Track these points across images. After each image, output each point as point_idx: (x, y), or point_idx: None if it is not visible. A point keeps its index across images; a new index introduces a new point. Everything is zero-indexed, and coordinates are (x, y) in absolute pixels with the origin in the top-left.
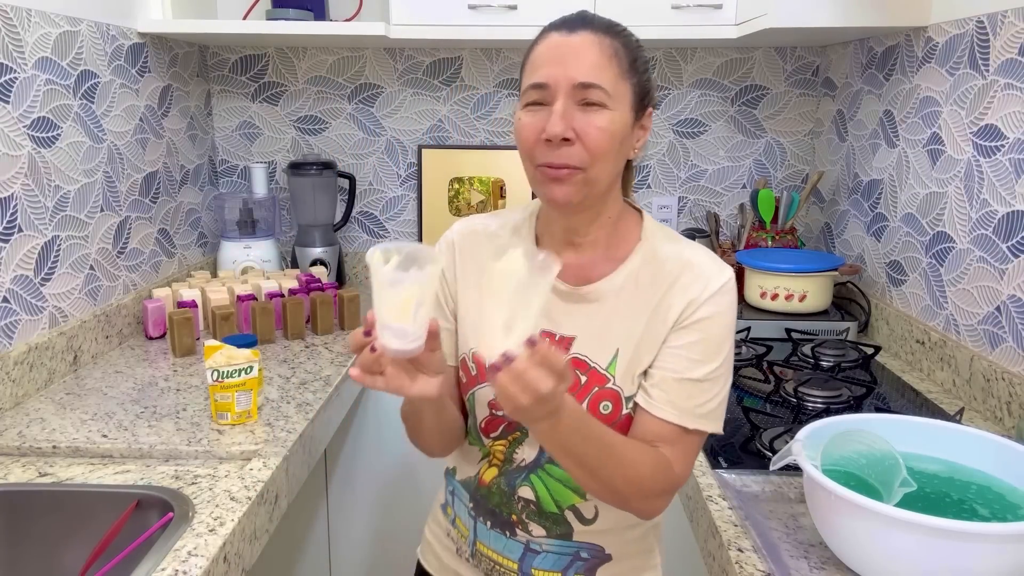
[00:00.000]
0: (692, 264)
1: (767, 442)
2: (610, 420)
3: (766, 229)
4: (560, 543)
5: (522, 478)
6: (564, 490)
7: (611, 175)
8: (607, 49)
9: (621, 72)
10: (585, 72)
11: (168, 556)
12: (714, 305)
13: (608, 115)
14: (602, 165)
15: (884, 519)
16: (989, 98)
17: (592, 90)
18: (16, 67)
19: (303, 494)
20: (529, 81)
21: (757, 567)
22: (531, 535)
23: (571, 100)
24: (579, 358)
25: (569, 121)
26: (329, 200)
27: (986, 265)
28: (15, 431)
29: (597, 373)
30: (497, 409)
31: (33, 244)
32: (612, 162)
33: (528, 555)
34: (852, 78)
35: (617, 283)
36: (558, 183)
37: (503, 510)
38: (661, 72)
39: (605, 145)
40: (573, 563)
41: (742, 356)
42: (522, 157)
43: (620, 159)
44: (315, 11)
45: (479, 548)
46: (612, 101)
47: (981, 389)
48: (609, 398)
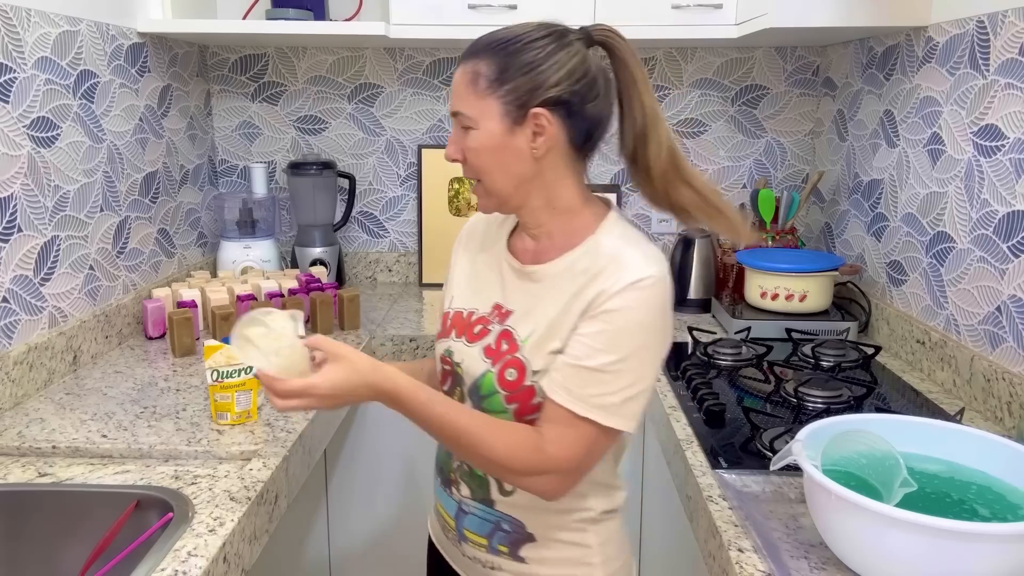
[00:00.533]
0: (619, 259)
1: (767, 442)
2: (514, 387)
3: (766, 229)
4: (483, 508)
5: None
6: None
7: (510, 182)
8: (468, 75)
9: (481, 91)
10: (455, 101)
11: (168, 556)
12: (622, 299)
13: (474, 135)
14: (490, 176)
15: (884, 519)
16: (989, 98)
17: (460, 117)
18: (16, 67)
19: (303, 494)
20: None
21: (757, 567)
22: (461, 494)
23: (457, 127)
24: (508, 329)
25: (457, 144)
26: (329, 200)
27: (986, 265)
28: (15, 431)
29: (514, 343)
30: (445, 363)
31: (33, 244)
32: (501, 172)
33: (460, 514)
34: (852, 78)
35: (558, 268)
36: (478, 196)
37: (447, 467)
38: (661, 72)
39: (478, 161)
40: (496, 532)
41: (742, 356)
42: None
43: (514, 167)
44: (315, 11)
45: (436, 506)
46: (476, 121)
47: (981, 389)
48: (515, 366)
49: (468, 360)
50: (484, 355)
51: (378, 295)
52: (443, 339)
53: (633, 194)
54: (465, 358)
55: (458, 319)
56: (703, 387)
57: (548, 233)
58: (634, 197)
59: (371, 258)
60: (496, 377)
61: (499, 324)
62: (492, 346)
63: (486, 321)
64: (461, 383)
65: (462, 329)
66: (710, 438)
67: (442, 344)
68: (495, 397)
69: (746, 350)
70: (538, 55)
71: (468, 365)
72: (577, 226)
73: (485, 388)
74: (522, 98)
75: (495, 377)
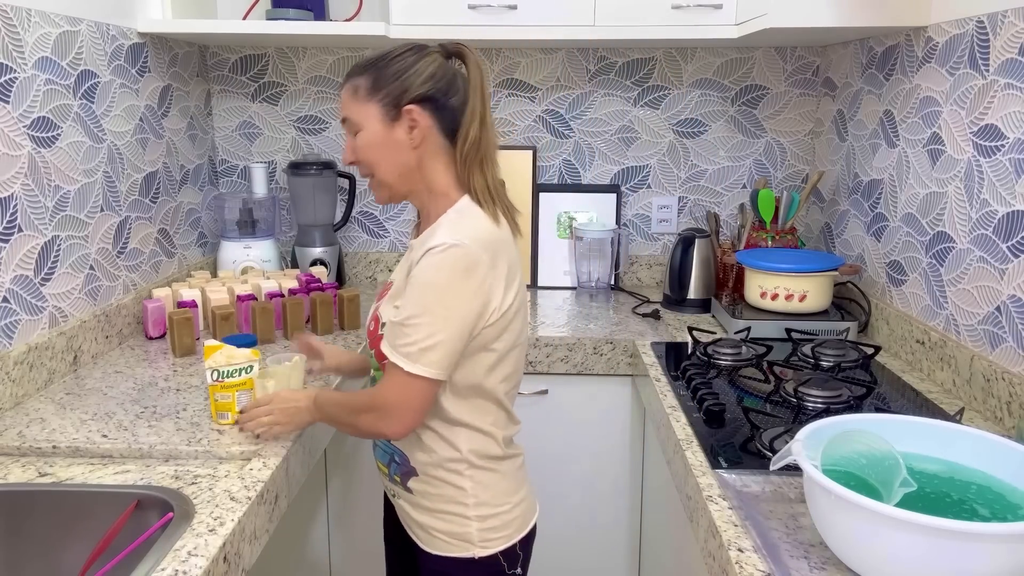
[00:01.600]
0: (434, 232)
1: (767, 442)
2: (371, 335)
3: (766, 229)
4: (383, 441)
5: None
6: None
7: (398, 172)
8: (350, 89)
9: (361, 99)
10: (342, 112)
11: (168, 556)
12: (420, 264)
13: (361, 135)
14: (379, 168)
15: (884, 519)
16: (989, 98)
17: (347, 123)
18: (16, 67)
19: (303, 494)
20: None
21: (757, 567)
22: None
23: (349, 133)
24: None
25: (350, 148)
26: (329, 200)
27: (986, 265)
28: (15, 431)
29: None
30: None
31: (33, 244)
32: (387, 163)
33: (374, 447)
34: (852, 78)
35: (415, 243)
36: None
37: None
38: (661, 72)
39: (368, 156)
40: (391, 463)
41: (742, 356)
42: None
43: (398, 158)
44: (315, 11)
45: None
46: (361, 124)
47: (981, 389)
48: (374, 319)
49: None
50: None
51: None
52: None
53: (634, 194)
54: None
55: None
56: (703, 387)
57: (427, 215)
58: (634, 197)
59: (371, 258)
60: (367, 329)
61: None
62: (376, 304)
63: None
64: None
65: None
66: (710, 438)
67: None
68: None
69: (746, 350)
70: (404, 64)
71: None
72: (442, 208)
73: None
74: (396, 99)
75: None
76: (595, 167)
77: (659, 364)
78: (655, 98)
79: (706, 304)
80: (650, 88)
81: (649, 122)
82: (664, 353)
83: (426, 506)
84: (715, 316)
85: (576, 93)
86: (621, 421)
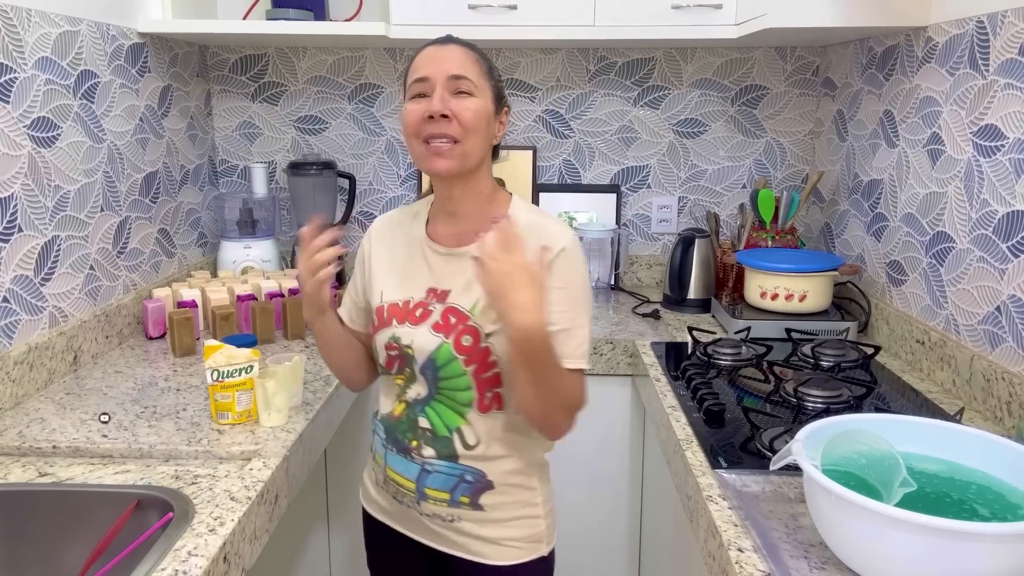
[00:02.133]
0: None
1: (767, 442)
2: (470, 351)
3: (766, 229)
4: (448, 464)
5: (419, 410)
6: (451, 413)
7: (481, 150)
8: (470, 55)
9: (482, 72)
10: (456, 67)
11: (168, 556)
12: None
13: (475, 100)
14: (473, 139)
15: (884, 519)
16: (989, 98)
17: (462, 80)
18: (16, 67)
19: (303, 494)
20: (413, 77)
21: (757, 567)
22: (424, 457)
23: (446, 89)
24: (452, 306)
25: (446, 103)
26: (329, 200)
27: (986, 265)
28: (15, 431)
29: (461, 314)
30: (391, 349)
31: (33, 244)
32: (482, 138)
33: (423, 475)
34: (852, 78)
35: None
36: (439, 156)
37: (407, 437)
38: (661, 72)
39: (475, 122)
40: (459, 484)
41: (742, 356)
42: (408, 137)
43: (487, 139)
44: (315, 11)
45: (388, 473)
46: (478, 91)
47: (981, 389)
48: (470, 333)
49: (418, 339)
50: (433, 331)
51: None
52: (384, 329)
53: (634, 194)
54: (415, 339)
55: (394, 309)
56: (703, 387)
57: (468, 213)
58: (634, 197)
59: None
60: (452, 346)
61: (440, 304)
62: (439, 322)
63: (424, 304)
64: (411, 362)
65: (402, 316)
66: (710, 438)
67: (384, 333)
68: (454, 363)
69: (746, 350)
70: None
71: (419, 343)
72: (494, 208)
73: (442, 358)
74: (500, 94)
75: (451, 346)
76: (595, 167)
77: (659, 364)
78: (655, 98)
79: (706, 304)
80: (650, 88)
81: (649, 122)
82: (664, 353)
83: (498, 518)
84: (715, 316)
85: (576, 93)
86: (621, 421)
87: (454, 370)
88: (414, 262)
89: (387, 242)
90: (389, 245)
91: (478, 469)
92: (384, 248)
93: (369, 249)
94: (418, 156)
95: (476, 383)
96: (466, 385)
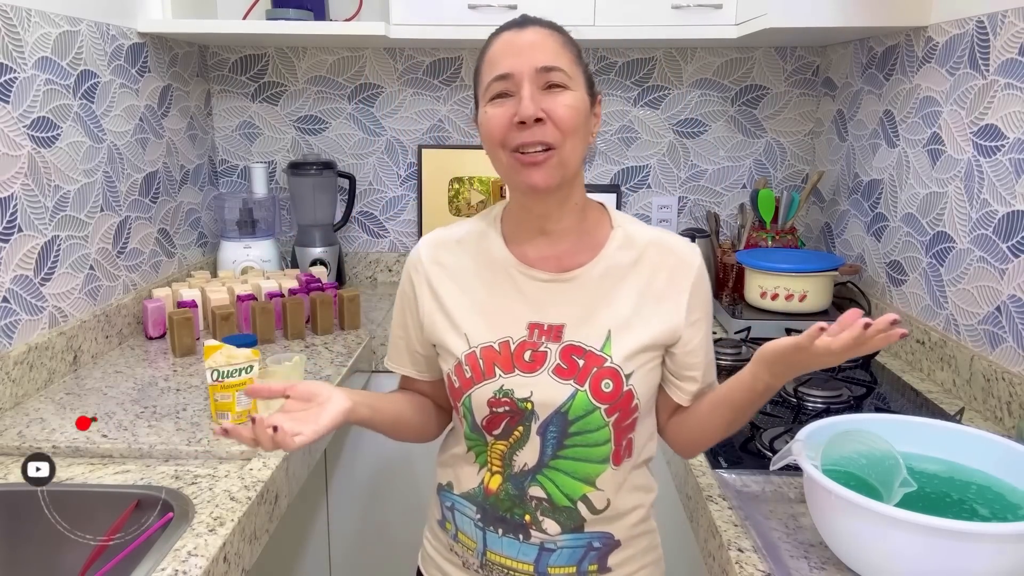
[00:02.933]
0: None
1: (767, 442)
2: (613, 397)
3: (766, 229)
4: (573, 536)
5: (530, 479)
6: (572, 482)
7: (580, 154)
8: (559, 39)
9: (574, 58)
10: (545, 57)
11: (168, 556)
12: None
13: (571, 95)
14: (572, 143)
15: (884, 519)
16: (989, 98)
17: (554, 72)
18: (16, 67)
19: (303, 494)
20: (492, 75)
21: (757, 567)
22: (546, 534)
23: (535, 85)
24: (573, 344)
25: (538, 103)
26: (329, 200)
27: (986, 265)
28: (15, 431)
29: (593, 355)
30: (501, 405)
31: (33, 244)
32: (581, 140)
33: (544, 555)
34: (852, 78)
35: (599, 268)
36: (535, 167)
37: (515, 514)
38: (661, 72)
39: (574, 122)
40: (587, 554)
41: (742, 356)
42: (491, 148)
43: (585, 140)
44: (315, 11)
45: (490, 558)
46: (572, 82)
47: (981, 389)
48: (609, 376)
49: (541, 390)
50: (559, 378)
51: (378, 295)
52: (485, 382)
53: (634, 194)
54: (535, 390)
55: (491, 355)
56: None
57: (566, 229)
58: (634, 197)
59: (371, 258)
60: (590, 394)
61: (554, 343)
62: (563, 366)
63: (533, 345)
64: (531, 419)
65: (506, 363)
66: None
67: (486, 388)
68: (594, 415)
69: (746, 350)
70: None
71: (544, 395)
72: (592, 221)
73: (577, 410)
74: (591, 81)
75: (588, 395)
76: (595, 167)
77: None
78: (655, 98)
79: None
80: (650, 88)
81: (649, 122)
82: None
83: (626, 574)
84: (715, 316)
85: None
86: None
87: (592, 422)
88: (501, 295)
89: (452, 270)
90: (456, 274)
91: (606, 532)
92: (450, 278)
93: (425, 282)
94: (507, 169)
95: (615, 434)
96: (605, 439)
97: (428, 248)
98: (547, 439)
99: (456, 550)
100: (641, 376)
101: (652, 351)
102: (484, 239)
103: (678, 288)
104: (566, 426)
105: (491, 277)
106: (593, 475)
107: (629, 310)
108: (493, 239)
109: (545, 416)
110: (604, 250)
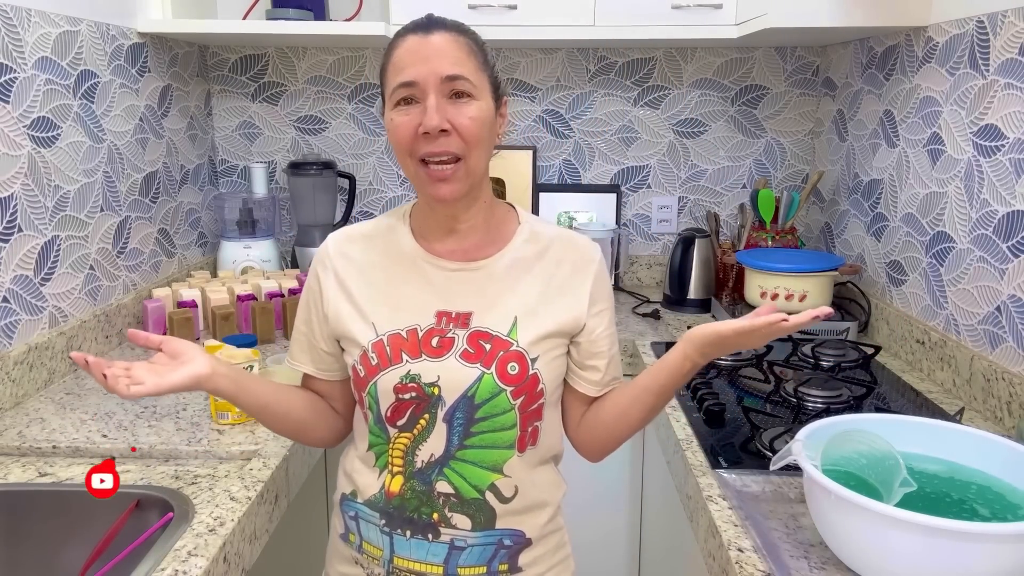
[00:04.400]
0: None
1: (767, 442)
2: (518, 380)
3: (766, 229)
4: (484, 534)
5: (436, 473)
6: (479, 471)
7: (485, 161)
8: (464, 45)
9: (479, 65)
10: (450, 66)
11: (168, 556)
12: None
13: (476, 105)
14: (478, 152)
15: (884, 519)
16: (989, 98)
17: (459, 81)
18: (16, 67)
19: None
20: (396, 81)
21: (757, 567)
22: (456, 529)
23: (440, 95)
24: (480, 330)
25: (443, 113)
26: (329, 200)
27: (986, 265)
28: (15, 431)
29: (500, 339)
30: (407, 391)
31: (33, 244)
32: (486, 148)
33: (453, 553)
34: (852, 78)
35: (505, 259)
36: (444, 182)
37: (422, 513)
38: (661, 72)
39: (478, 133)
40: (497, 553)
41: (742, 356)
42: (400, 155)
43: (491, 146)
44: (315, 11)
45: (397, 564)
46: (477, 91)
47: (981, 389)
48: (515, 360)
49: (447, 374)
50: (466, 362)
51: None
52: (390, 368)
53: (634, 194)
54: (442, 374)
55: (399, 341)
56: (703, 387)
57: (473, 227)
58: (634, 197)
59: None
60: (496, 376)
61: (461, 329)
62: (469, 350)
63: (441, 332)
64: (438, 404)
65: (413, 349)
66: (710, 438)
67: (393, 374)
68: (500, 397)
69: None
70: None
71: (450, 379)
72: (499, 217)
73: (483, 393)
74: (497, 83)
75: (495, 377)
76: (595, 167)
77: None
78: (655, 98)
79: (706, 304)
80: (650, 88)
81: (649, 122)
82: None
83: (537, 573)
84: (715, 316)
85: (576, 93)
86: None
87: (499, 405)
88: (409, 285)
89: (359, 263)
90: (364, 266)
91: (516, 529)
92: (357, 270)
93: (332, 274)
94: (416, 180)
95: (520, 418)
96: (511, 423)
97: (336, 243)
98: (453, 427)
99: (361, 562)
100: (546, 362)
101: (557, 338)
102: (393, 233)
103: (580, 280)
104: (472, 411)
105: (399, 269)
106: (500, 462)
107: (534, 299)
108: (402, 233)
109: (452, 402)
110: (511, 243)
